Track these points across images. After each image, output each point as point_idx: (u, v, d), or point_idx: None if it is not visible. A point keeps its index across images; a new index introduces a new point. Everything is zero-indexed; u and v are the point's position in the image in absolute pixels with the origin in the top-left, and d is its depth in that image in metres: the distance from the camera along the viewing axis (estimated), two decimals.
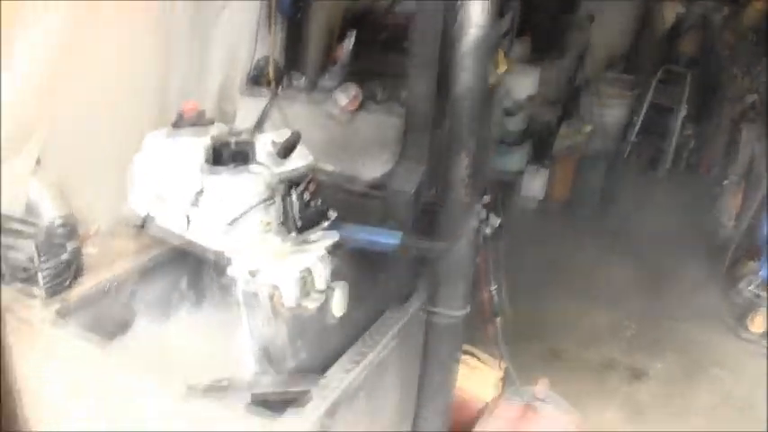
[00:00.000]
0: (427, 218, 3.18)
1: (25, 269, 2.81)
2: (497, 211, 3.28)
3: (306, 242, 2.45)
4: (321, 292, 2.53)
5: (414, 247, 2.62)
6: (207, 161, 2.46)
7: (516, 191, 8.07)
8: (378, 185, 3.33)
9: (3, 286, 2.88)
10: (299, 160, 2.45)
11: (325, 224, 2.50)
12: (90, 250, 3.29)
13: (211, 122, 2.59)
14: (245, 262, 2.52)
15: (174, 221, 2.60)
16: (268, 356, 2.50)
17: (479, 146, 2.86)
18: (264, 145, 2.41)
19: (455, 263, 2.85)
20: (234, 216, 2.44)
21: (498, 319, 3.68)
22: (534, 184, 8.32)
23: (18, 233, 2.77)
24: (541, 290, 6.02)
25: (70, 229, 2.97)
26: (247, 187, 2.41)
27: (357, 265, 2.85)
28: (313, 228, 2.44)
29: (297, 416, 2.32)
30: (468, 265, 3.12)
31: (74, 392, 2.77)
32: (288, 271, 2.42)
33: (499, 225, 3.33)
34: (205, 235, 2.50)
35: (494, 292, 3.62)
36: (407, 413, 3.47)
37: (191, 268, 3.16)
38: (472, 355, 4.22)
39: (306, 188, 2.38)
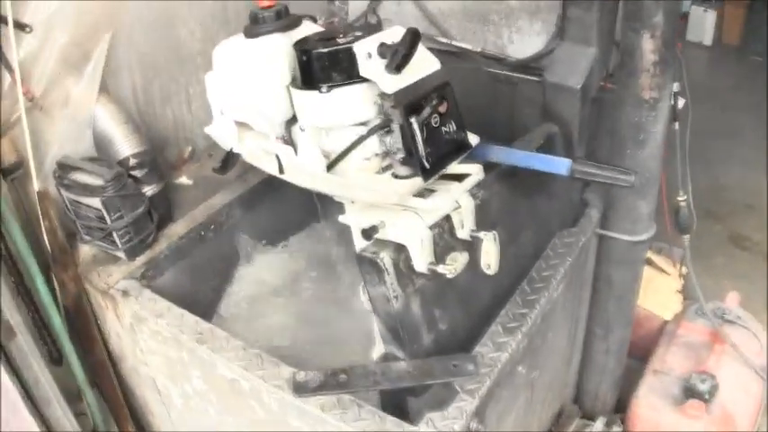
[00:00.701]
0: (599, 118, 2.42)
1: (100, 228, 2.25)
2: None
3: (439, 182, 1.74)
4: (463, 250, 1.84)
5: (588, 177, 1.86)
6: (294, 80, 1.77)
7: (680, 36, 6.97)
8: (530, 68, 2.53)
9: (85, 247, 2.34)
10: (422, 70, 1.71)
11: (464, 154, 1.76)
12: (184, 180, 2.72)
13: (297, 21, 1.87)
14: (356, 215, 1.86)
15: (263, 161, 1.95)
16: (397, 337, 1.86)
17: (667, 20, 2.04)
18: (371, 51, 1.67)
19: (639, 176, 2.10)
20: (335, 152, 1.77)
21: (687, 237, 2.88)
22: (702, 27, 7.37)
23: (83, 187, 2.20)
24: (714, 158, 5.11)
25: (148, 170, 2.38)
26: (351, 112, 1.71)
27: (507, 189, 2.14)
28: (447, 162, 1.72)
29: (439, 420, 1.73)
30: (656, 176, 2.36)
31: (170, 375, 2.26)
32: (416, 226, 1.74)
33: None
34: (304, 177, 1.84)
35: (681, 203, 2.81)
36: (573, 355, 2.84)
37: (301, 202, 2.54)
38: (648, 262, 3.42)
39: (434, 110, 1.65)
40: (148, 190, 2.42)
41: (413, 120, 1.61)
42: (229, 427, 2.18)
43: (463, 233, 1.87)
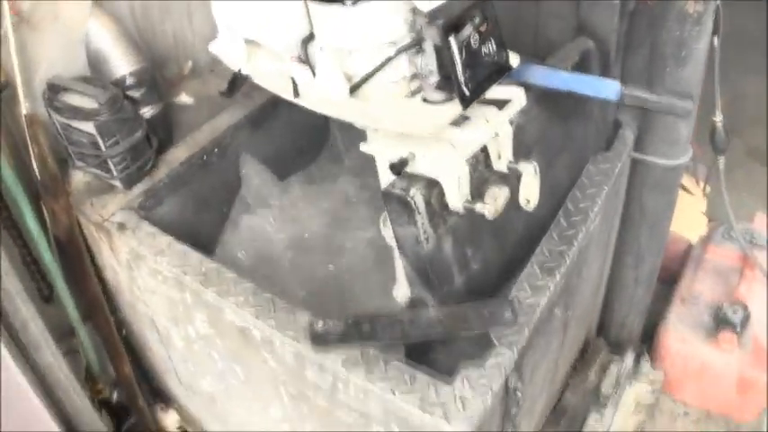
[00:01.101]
0: (635, 33, 2.19)
1: (94, 155, 2.05)
2: None
3: (475, 107, 1.53)
4: (502, 184, 1.64)
5: (640, 104, 1.65)
6: None
7: None
8: None
9: (77, 174, 2.14)
10: None
11: (505, 77, 1.55)
12: (184, 99, 2.51)
13: None
14: (381, 145, 1.65)
15: (276, 83, 1.73)
16: (426, 280, 1.68)
17: None
18: None
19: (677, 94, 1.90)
20: (358, 75, 1.55)
21: (722, 159, 2.67)
22: None
23: (75, 109, 1.98)
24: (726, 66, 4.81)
25: (146, 89, 2.16)
26: (379, 30, 1.49)
27: (543, 112, 1.94)
28: (487, 86, 1.50)
29: (476, 378, 1.55)
30: (696, 96, 2.15)
31: (171, 316, 2.09)
32: (451, 160, 1.54)
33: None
34: (322, 102, 1.63)
35: (718, 123, 2.59)
36: (601, 285, 2.69)
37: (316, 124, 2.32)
38: None
39: (475, 29, 1.42)
40: (146, 111, 2.23)
41: (452, 40, 1.39)
42: (237, 377, 2.02)
43: (500, 164, 1.67)
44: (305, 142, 2.53)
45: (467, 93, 1.43)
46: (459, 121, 1.55)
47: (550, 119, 1.95)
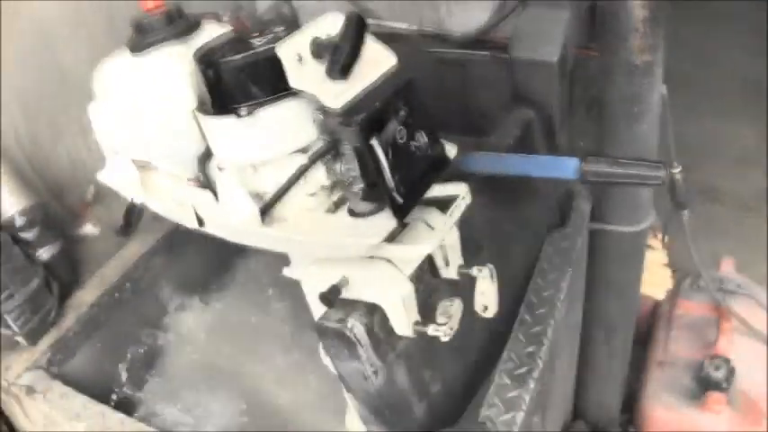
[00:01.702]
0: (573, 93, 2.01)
1: None
2: None
3: (415, 212, 1.29)
4: (452, 294, 1.40)
5: (605, 179, 1.44)
6: (202, 103, 1.29)
7: None
8: (481, 43, 2.09)
9: None
10: (374, 69, 1.25)
11: (442, 173, 1.32)
12: (89, 230, 2.21)
13: (196, 24, 1.38)
14: (310, 270, 1.40)
15: (176, 211, 1.47)
16: (381, 417, 1.42)
17: None
18: (302, 53, 1.21)
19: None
20: (268, 192, 1.31)
21: (685, 213, 2.48)
22: None
23: None
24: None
25: (40, 227, 1.89)
26: (284, 139, 1.25)
27: (487, 199, 1.71)
28: (423, 189, 1.27)
29: None
30: (654, 152, 1.97)
31: None
32: (393, 281, 1.29)
33: None
34: (231, 230, 1.37)
35: (677, 174, 2.40)
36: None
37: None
38: None
39: (401, 122, 1.19)
40: (43, 253, 1.96)
41: (374, 142, 1.15)
42: None
43: (449, 272, 1.43)
44: (230, 253, 2.27)
45: (400, 201, 1.19)
46: (396, 233, 1.30)
47: (497, 205, 1.72)
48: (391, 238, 1.27)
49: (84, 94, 2.13)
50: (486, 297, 1.44)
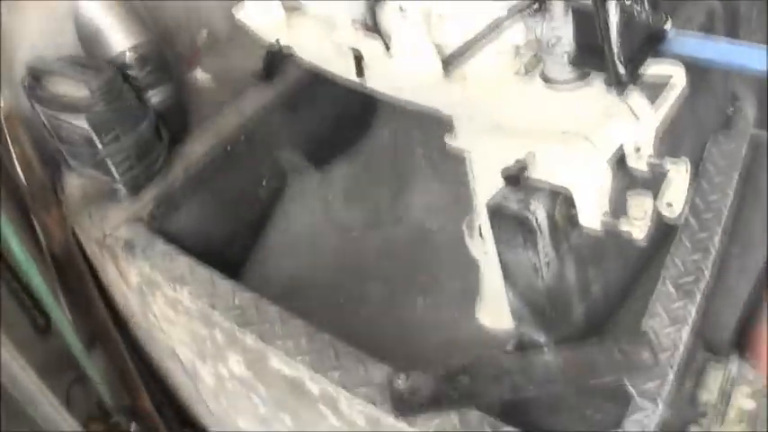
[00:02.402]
0: None
1: (91, 154, 1.62)
2: None
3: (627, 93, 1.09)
4: (642, 187, 1.21)
5: None
6: None
7: None
8: None
9: (71, 179, 1.72)
10: None
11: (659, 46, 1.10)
12: (200, 77, 2.05)
13: None
14: (482, 140, 1.21)
15: (329, 59, 1.28)
16: (542, 317, 1.26)
17: None
18: None
19: None
20: (453, 45, 1.11)
21: None
22: None
23: (62, 99, 1.55)
24: None
25: (152, 67, 1.72)
26: None
27: None
28: (641, 61, 1.06)
29: None
30: None
31: (197, 351, 1.67)
32: (591, 163, 1.10)
33: None
34: (399, 84, 1.19)
35: None
36: None
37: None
38: None
39: None
40: (154, 96, 1.81)
41: None
42: (285, 425, 1.60)
43: (639, 162, 1.23)
44: (348, 125, 2.08)
45: (623, 69, 0.98)
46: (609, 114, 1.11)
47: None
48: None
49: None
50: (674, 193, 1.24)
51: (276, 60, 1.40)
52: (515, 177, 1.09)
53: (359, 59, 1.21)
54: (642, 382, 1.25)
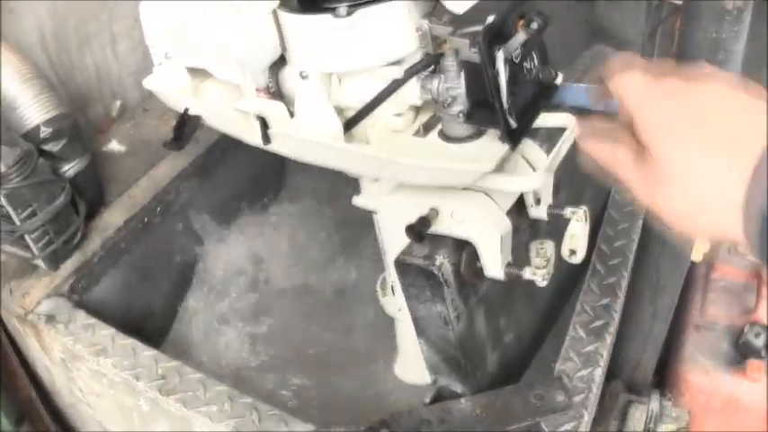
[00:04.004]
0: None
1: (8, 231, 1.61)
2: None
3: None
4: (543, 236, 1.26)
5: None
6: (286, 0, 1.13)
7: None
8: None
9: None
10: None
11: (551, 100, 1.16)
12: (115, 148, 2.05)
13: None
14: (386, 199, 1.25)
15: (236, 125, 1.31)
16: (457, 368, 1.29)
17: None
18: None
19: None
20: (353, 107, 1.16)
21: None
22: None
23: None
24: None
25: (68, 140, 1.72)
26: (385, 46, 1.09)
27: None
28: (533, 116, 1.12)
29: None
30: None
31: (125, 423, 1.65)
32: (491, 215, 1.14)
33: None
34: (304, 147, 1.22)
35: None
36: None
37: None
38: None
39: (529, 36, 1.03)
40: (69, 169, 1.79)
41: (499, 55, 0.99)
42: None
43: (539, 211, 1.28)
44: (264, 184, 2.11)
45: (514, 124, 1.04)
46: (502, 167, 1.16)
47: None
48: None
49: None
50: (576, 241, 1.30)
51: (187, 128, 1.41)
52: (419, 233, 1.12)
53: (265, 126, 1.23)
54: (559, 425, 1.28)
